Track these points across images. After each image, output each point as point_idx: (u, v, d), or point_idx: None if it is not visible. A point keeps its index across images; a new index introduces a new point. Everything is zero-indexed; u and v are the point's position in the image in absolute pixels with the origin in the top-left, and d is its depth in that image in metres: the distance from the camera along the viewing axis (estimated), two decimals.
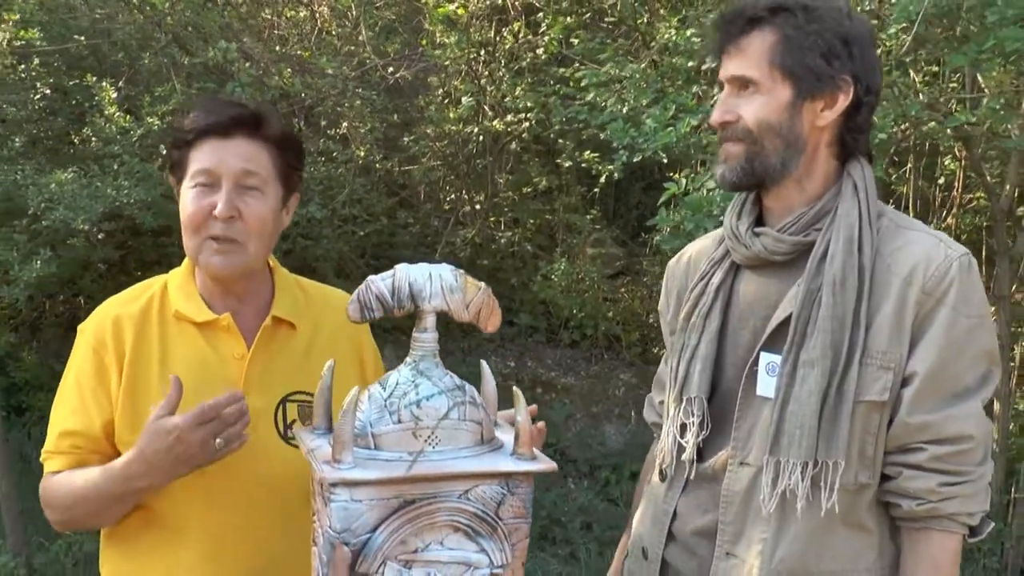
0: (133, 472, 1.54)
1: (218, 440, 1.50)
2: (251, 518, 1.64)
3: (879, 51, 3.60)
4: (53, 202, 4.13)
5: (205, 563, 1.64)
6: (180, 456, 1.50)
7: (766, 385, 1.60)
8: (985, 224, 5.47)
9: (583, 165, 5.69)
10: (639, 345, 6.46)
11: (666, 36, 4.38)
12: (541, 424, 1.53)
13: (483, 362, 1.51)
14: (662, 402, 1.86)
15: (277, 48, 5.11)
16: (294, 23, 5.62)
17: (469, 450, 1.37)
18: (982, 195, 5.51)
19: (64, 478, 1.65)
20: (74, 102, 5.05)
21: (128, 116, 4.32)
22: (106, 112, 4.26)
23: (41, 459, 1.71)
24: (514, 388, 1.40)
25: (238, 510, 1.64)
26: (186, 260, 1.76)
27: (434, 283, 1.37)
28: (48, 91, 4.77)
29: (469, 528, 1.34)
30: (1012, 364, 5.00)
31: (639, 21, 5.35)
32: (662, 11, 5.29)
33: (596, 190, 6.44)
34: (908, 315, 1.53)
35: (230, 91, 4.25)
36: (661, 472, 1.75)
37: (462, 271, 1.40)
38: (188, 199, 1.66)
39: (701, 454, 1.68)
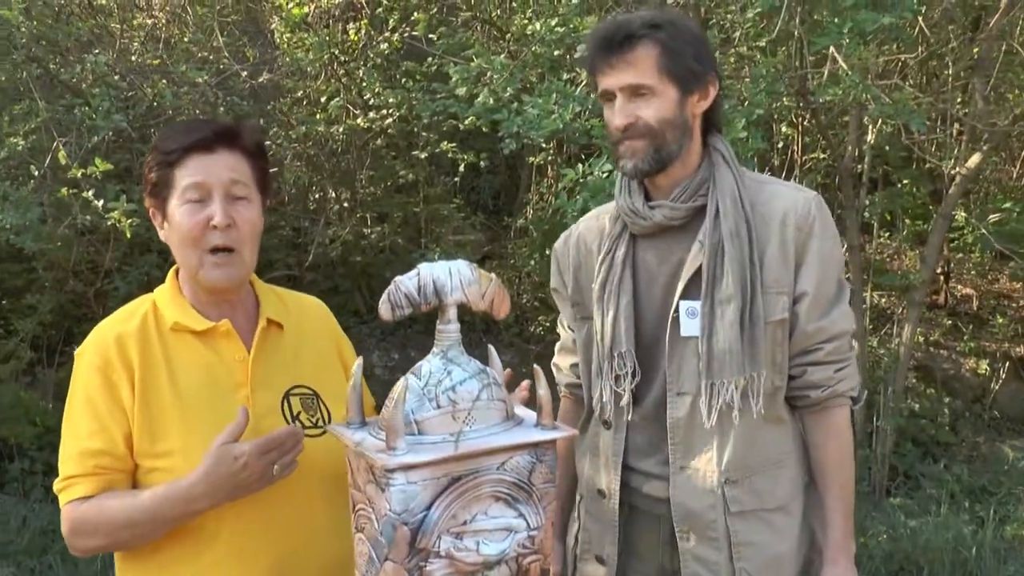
0: (196, 494, 1.57)
1: (276, 467, 1.57)
2: (272, 510, 1.68)
3: (738, 33, 3.95)
4: None
5: (231, 561, 1.67)
6: (243, 481, 1.56)
7: (689, 327, 1.91)
8: (821, 181, 6.00)
9: (449, 156, 5.82)
10: (516, 326, 6.66)
11: (530, 28, 4.56)
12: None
13: (490, 346, 1.66)
14: (573, 364, 2.16)
15: (133, 59, 4.96)
16: (140, 29, 5.45)
17: (499, 426, 1.50)
18: (816, 156, 6.03)
19: (100, 503, 1.63)
20: None
21: None
22: None
23: (57, 488, 1.67)
24: (535, 366, 1.55)
25: (261, 503, 1.67)
26: (169, 277, 1.80)
27: (454, 278, 1.50)
28: None
29: (509, 496, 1.48)
30: (864, 307, 5.52)
31: (492, 14, 5.51)
32: (514, 3, 5.47)
33: (457, 179, 6.58)
34: (790, 249, 1.89)
35: (96, 106, 4.11)
36: (605, 423, 2.02)
37: (475, 264, 1.54)
38: (181, 215, 1.69)
39: (636, 398, 1.98)
